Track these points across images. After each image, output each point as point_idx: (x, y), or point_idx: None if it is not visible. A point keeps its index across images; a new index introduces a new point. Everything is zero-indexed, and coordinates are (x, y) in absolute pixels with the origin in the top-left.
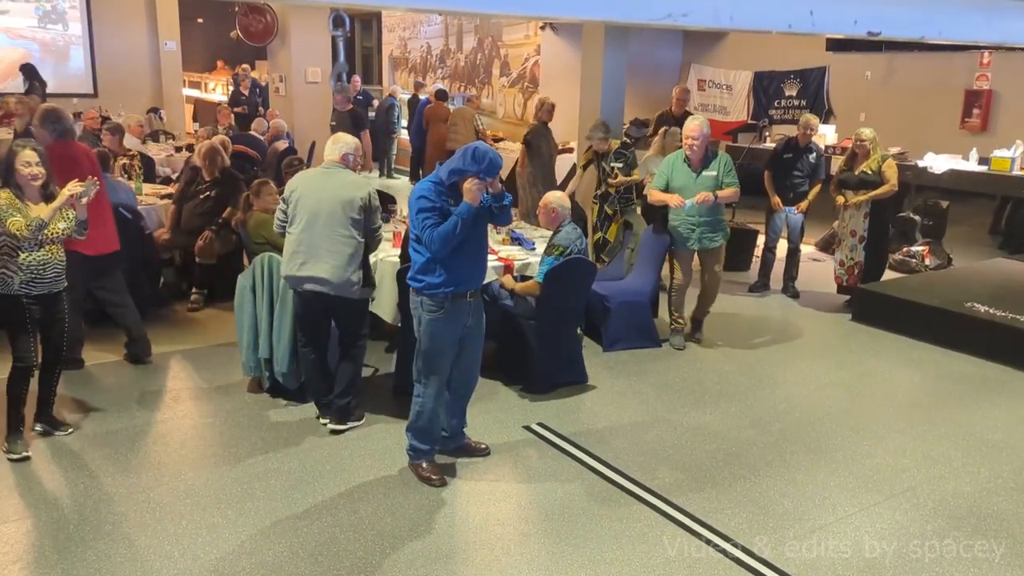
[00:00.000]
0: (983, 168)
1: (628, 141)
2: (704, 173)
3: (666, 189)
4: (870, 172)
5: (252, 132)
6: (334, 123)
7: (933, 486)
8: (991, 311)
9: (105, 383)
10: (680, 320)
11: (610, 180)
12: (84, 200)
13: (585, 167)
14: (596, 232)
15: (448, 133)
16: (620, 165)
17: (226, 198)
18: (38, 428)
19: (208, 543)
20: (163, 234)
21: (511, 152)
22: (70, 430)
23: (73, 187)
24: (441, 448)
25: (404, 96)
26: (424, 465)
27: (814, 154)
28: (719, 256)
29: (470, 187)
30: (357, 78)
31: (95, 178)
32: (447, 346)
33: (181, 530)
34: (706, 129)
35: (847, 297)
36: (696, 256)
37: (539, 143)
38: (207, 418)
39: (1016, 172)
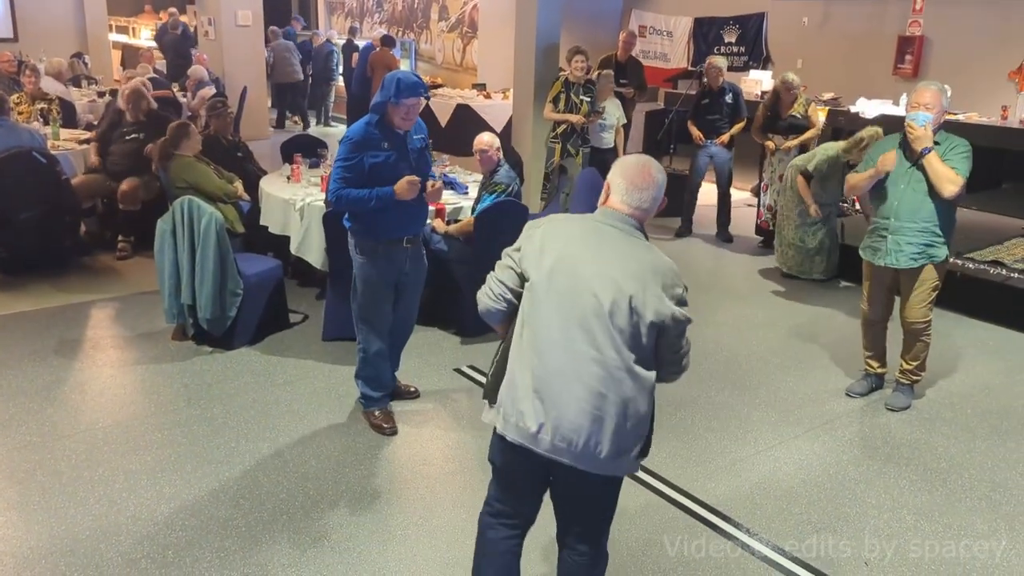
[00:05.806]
0: None
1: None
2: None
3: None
4: (799, 116)
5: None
6: None
7: (852, 418)
8: None
9: (19, 332)
10: (873, 363)
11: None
12: None
13: (555, 100)
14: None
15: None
16: (589, 99)
17: (154, 140)
18: None
19: (125, 489)
20: (83, 179)
21: (448, 99)
22: None
23: None
24: None
25: (340, 41)
26: (376, 413)
27: (730, 94)
28: (925, 282)
29: (401, 188)
30: (292, 26)
31: None
32: (381, 291)
33: (97, 477)
34: (943, 101)
35: (761, 239)
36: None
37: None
38: (127, 366)
39: None
